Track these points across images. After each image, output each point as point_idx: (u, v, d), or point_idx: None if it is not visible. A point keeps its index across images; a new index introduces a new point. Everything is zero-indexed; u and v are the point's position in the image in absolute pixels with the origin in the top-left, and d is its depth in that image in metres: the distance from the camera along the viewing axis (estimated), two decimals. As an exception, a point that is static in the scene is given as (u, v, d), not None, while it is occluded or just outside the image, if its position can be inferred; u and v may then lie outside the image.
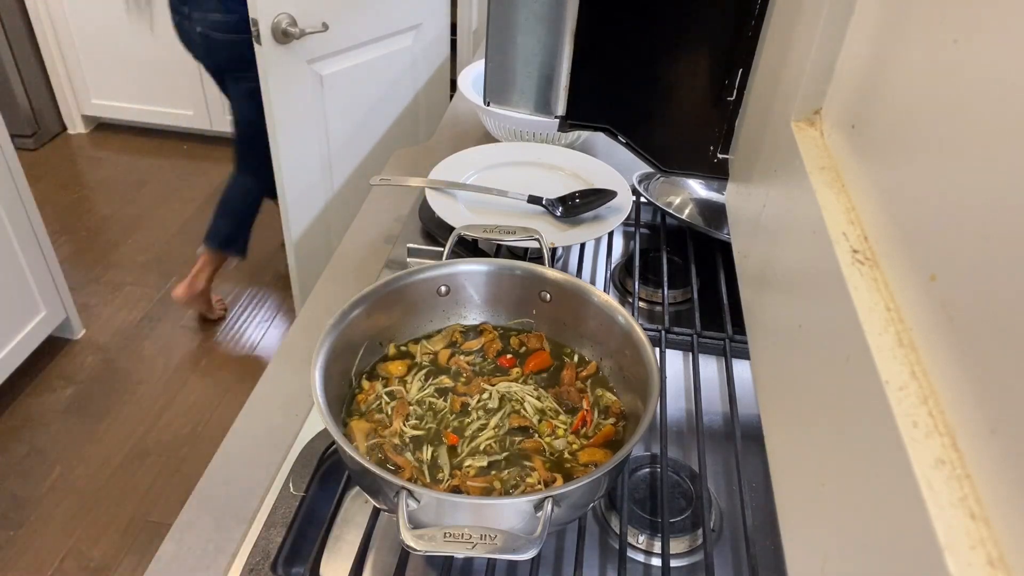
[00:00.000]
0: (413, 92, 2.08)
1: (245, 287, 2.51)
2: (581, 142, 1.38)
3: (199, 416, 2.04)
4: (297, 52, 1.63)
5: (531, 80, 0.79)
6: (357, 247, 1.13)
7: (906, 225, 0.31)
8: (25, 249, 1.97)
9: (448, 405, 0.73)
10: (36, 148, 3.15)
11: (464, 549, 0.52)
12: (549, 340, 0.82)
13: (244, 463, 0.78)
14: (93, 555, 1.69)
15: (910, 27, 0.34)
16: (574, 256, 1.11)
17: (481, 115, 1.40)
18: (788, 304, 0.42)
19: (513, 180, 1.15)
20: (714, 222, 1.11)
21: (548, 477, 0.67)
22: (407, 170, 1.31)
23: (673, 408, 0.89)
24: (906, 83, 0.33)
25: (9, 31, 2.92)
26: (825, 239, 0.35)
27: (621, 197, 1.08)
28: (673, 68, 0.74)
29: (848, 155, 0.40)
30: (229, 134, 3.20)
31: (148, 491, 1.84)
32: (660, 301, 1.02)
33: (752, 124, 0.66)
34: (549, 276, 0.80)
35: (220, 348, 2.27)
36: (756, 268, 0.52)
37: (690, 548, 0.72)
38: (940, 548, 0.21)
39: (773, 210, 0.49)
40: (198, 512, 0.73)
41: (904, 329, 0.29)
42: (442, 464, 0.68)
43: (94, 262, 2.56)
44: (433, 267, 0.80)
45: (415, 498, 0.55)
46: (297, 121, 1.71)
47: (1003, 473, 0.21)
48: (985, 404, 0.23)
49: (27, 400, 2.06)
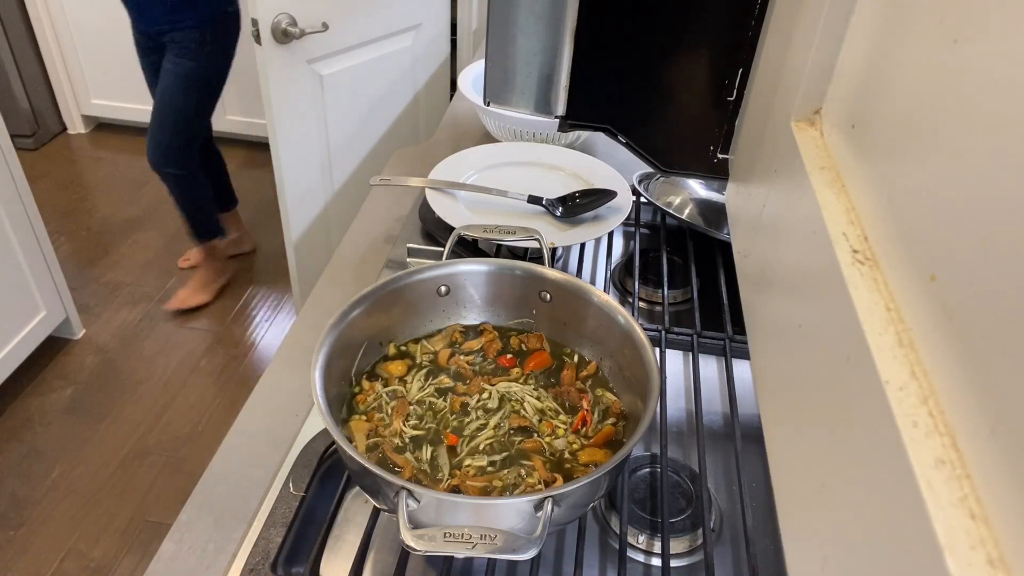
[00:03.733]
0: (413, 92, 2.08)
1: (245, 287, 2.51)
2: (581, 142, 1.38)
3: (199, 416, 2.04)
4: (297, 52, 1.63)
5: (531, 80, 0.79)
6: (357, 247, 1.13)
7: (906, 225, 0.31)
8: (25, 249, 1.97)
9: (448, 405, 0.73)
10: (36, 148, 3.15)
11: (464, 549, 0.52)
12: (549, 340, 0.82)
13: (244, 463, 0.78)
14: (93, 555, 1.69)
15: (910, 27, 0.34)
16: (574, 256, 1.11)
17: (481, 115, 1.40)
18: (788, 304, 0.42)
19: (513, 180, 1.15)
20: (714, 222, 1.11)
21: (548, 477, 0.67)
22: (407, 170, 1.31)
23: (673, 408, 0.89)
24: (906, 83, 0.33)
25: (9, 31, 2.92)
26: (825, 239, 0.35)
27: (621, 197, 1.08)
28: (673, 68, 0.74)
29: (848, 155, 0.39)
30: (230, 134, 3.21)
31: (148, 491, 1.84)
32: (660, 301, 1.02)
33: (752, 124, 0.66)
34: (549, 276, 0.80)
35: (220, 348, 2.27)
36: (756, 268, 0.52)
37: (690, 548, 0.72)
38: (940, 548, 0.21)
39: (773, 210, 0.49)
40: (198, 512, 0.73)
41: (904, 329, 0.29)
42: (442, 464, 0.68)
43: (94, 262, 2.56)
44: (433, 267, 0.80)
45: (415, 498, 0.55)
46: (297, 121, 1.71)
47: (1003, 473, 0.21)
48: (985, 404, 0.23)
49: (27, 400, 2.06)
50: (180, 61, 1.98)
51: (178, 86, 2.02)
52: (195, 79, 2.01)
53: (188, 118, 2.08)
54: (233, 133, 3.23)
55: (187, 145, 2.12)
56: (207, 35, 1.95)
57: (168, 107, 2.05)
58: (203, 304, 2.38)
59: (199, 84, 2.04)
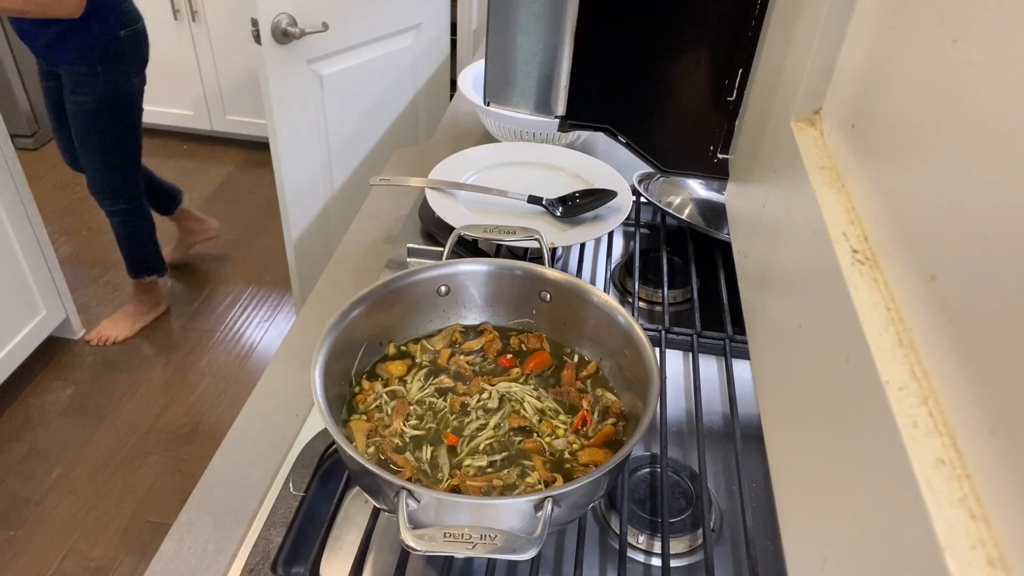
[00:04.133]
0: (413, 92, 2.08)
1: (245, 287, 2.51)
2: (581, 142, 1.38)
3: (199, 416, 2.04)
4: (297, 52, 1.63)
5: (531, 80, 0.79)
6: (357, 247, 1.13)
7: (906, 225, 0.31)
8: (25, 249, 1.97)
9: (448, 405, 0.73)
10: (36, 148, 3.15)
11: (464, 549, 0.52)
12: (549, 340, 0.82)
13: (244, 463, 0.78)
14: (93, 555, 1.69)
15: (910, 27, 0.34)
16: (574, 256, 1.11)
17: (481, 115, 1.40)
18: (788, 304, 0.42)
19: (513, 180, 1.15)
20: (714, 222, 1.11)
21: (548, 477, 0.67)
22: (407, 170, 1.31)
23: (673, 408, 0.89)
24: (906, 83, 0.33)
25: (9, 32, 2.92)
26: (825, 239, 0.35)
27: (621, 197, 1.08)
28: (673, 68, 0.74)
29: (848, 155, 0.39)
30: (230, 134, 3.22)
31: (148, 491, 1.84)
32: (660, 301, 1.02)
33: (752, 124, 0.66)
34: (549, 276, 0.80)
35: (220, 348, 2.27)
36: (756, 268, 0.52)
37: (690, 548, 0.72)
38: (940, 548, 0.21)
39: (773, 210, 0.49)
40: (198, 512, 0.73)
41: (904, 329, 0.29)
42: (442, 464, 0.68)
43: (94, 262, 2.56)
44: (433, 267, 0.80)
45: (415, 498, 0.55)
46: (297, 121, 1.71)
47: (1003, 473, 0.21)
48: (985, 404, 0.23)
49: (27, 400, 2.06)
50: (77, 99, 1.85)
51: (85, 124, 1.89)
52: (99, 112, 1.87)
53: (112, 152, 1.96)
54: (233, 133, 3.23)
55: (123, 178, 2.02)
56: (96, 66, 1.80)
57: (88, 146, 1.93)
58: (124, 339, 2.26)
59: (106, 116, 1.89)
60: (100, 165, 1.97)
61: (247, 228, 2.80)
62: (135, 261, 2.20)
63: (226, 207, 2.93)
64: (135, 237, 2.15)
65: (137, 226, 2.14)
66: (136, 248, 2.18)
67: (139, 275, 2.23)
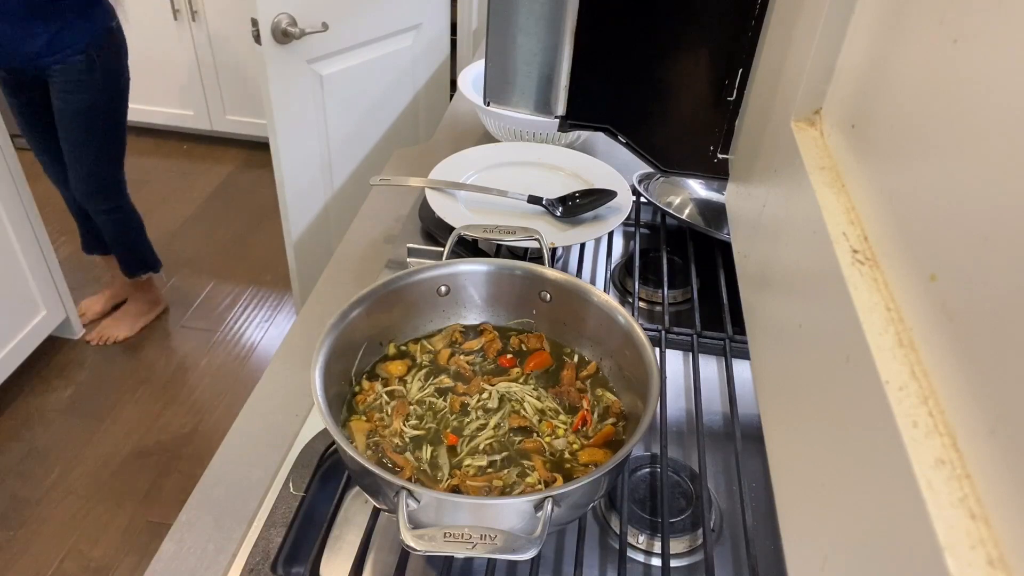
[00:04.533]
0: (413, 92, 2.08)
1: (245, 287, 2.51)
2: (581, 142, 1.38)
3: (199, 416, 2.04)
4: (297, 52, 1.63)
5: (531, 80, 0.79)
6: (357, 247, 1.13)
7: (906, 225, 0.31)
8: (25, 249, 1.97)
9: (448, 405, 0.73)
10: (36, 148, 3.15)
11: (464, 549, 0.52)
12: (549, 340, 0.82)
13: (244, 463, 0.78)
14: (93, 555, 1.69)
15: (910, 27, 0.34)
16: (574, 256, 1.11)
17: (481, 115, 1.40)
18: (788, 304, 0.42)
19: (513, 180, 1.15)
20: (714, 222, 1.11)
21: (548, 477, 0.67)
22: (407, 170, 1.31)
23: (673, 408, 0.89)
24: (906, 83, 0.33)
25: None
26: (825, 239, 0.35)
27: (621, 197, 1.08)
28: (673, 68, 0.74)
29: (848, 155, 0.40)
30: (230, 134, 3.22)
31: (148, 491, 1.84)
32: (660, 301, 1.02)
33: (752, 124, 0.66)
34: (549, 276, 0.80)
35: (220, 348, 2.27)
36: (756, 268, 0.52)
37: (690, 548, 0.72)
38: (940, 548, 0.21)
39: (773, 210, 0.49)
40: (198, 512, 0.73)
41: (904, 329, 0.29)
42: (442, 464, 0.68)
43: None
44: (433, 267, 0.80)
45: (415, 498, 0.55)
46: (297, 121, 1.71)
47: (1003, 473, 0.21)
48: (985, 404, 0.23)
49: (27, 400, 2.06)
50: (70, 97, 1.82)
51: (79, 125, 1.87)
52: (95, 110, 1.87)
53: (103, 151, 1.96)
54: (233, 133, 3.23)
55: (113, 175, 2.02)
56: (94, 58, 1.79)
57: (78, 149, 1.91)
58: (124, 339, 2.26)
59: (100, 115, 1.89)
60: (94, 165, 1.96)
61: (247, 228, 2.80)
62: (130, 259, 2.20)
63: (226, 207, 2.93)
64: (128, 234, 2.15)
65: (128, 222, 2.14)
66: (130, 245, 2.17)
67: (135, 273, 2.22)
